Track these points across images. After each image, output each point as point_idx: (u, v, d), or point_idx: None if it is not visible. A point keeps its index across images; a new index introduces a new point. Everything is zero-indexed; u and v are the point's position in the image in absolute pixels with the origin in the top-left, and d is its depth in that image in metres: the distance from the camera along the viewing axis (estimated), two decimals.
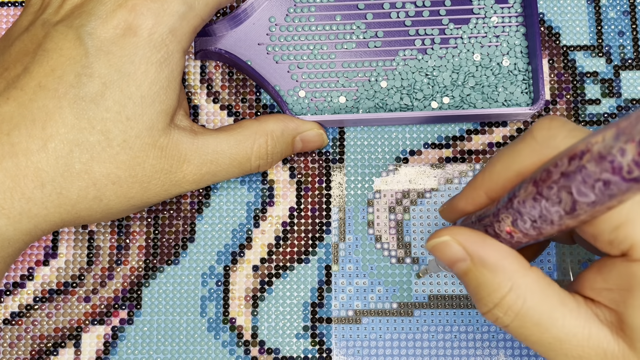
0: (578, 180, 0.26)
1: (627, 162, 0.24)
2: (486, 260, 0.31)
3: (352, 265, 0.44)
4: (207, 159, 0.39)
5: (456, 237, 0.31)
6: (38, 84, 0.35)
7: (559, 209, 0.27)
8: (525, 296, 0.30)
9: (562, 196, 0.27)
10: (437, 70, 0.44)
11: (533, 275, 0.31)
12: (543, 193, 0.28)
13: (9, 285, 0.44)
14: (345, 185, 0.44)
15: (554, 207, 0.28)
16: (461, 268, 0.32)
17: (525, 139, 0.31)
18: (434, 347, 0.43)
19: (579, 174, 0.26)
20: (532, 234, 0.30)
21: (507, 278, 0.30)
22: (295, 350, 0.43)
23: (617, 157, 0.24)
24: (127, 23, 0.36)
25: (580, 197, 0.26)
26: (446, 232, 0.32)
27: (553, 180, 0.27)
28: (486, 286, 0.31)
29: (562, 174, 0.27)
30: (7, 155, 0.35)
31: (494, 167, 0.32)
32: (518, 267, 0.31)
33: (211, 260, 0.44)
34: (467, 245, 0.31)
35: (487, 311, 0.31)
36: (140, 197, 0.38)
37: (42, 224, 0.36)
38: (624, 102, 0.45)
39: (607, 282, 0.31)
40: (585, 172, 0.25)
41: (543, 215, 0.28)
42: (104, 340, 0.43)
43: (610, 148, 0.24)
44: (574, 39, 0.46)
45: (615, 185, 0.25)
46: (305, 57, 0.45)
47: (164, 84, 0.37)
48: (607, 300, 0.31)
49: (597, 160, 0.25)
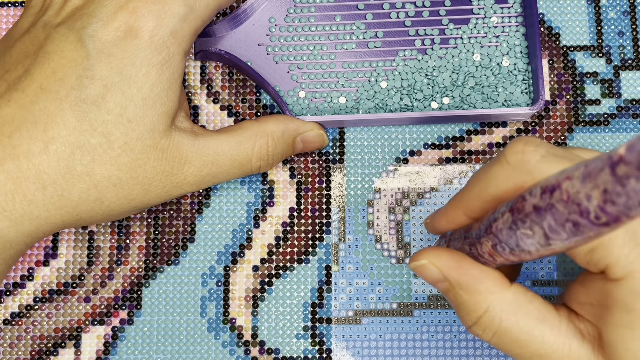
0: (548, 218, 0.26)
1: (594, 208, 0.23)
2: (462, 283, 0.32)
3: (352, 265, 0.44)
4: (207, 161, 0.39)
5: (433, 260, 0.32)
6: (39, 86, 0.35)
7: (534, 241, 0.27)
8: (500, 316, 0.31)
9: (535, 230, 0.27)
10: (437, 71, 0.44)
11: (510, 295, 0.31)
12: (518, 225, 0.28)
13: (9, 285, 0.44)
14: (345, 185, 0.45)
15: (529, 239, 0.27)
16: (441, 288, 0.33)
17: (500, 162, 0.31)
18: (434, 347, 0.43)
19: (549, 211, 0.25)
20: (512, 259, 0.30)
21: (482, 299, 0.31)
22: (295, 350, 0.43)
23: (584, 201, 0.23)
24: (128, 25, 0.36)
25: (552, 234, 0.26)
26: (424, 255, 0.33)
27: (526, 212, 0.27)
28: (464, 306, 0.32)
29: (534, 208, 0.26)
30: (9, 158, 0.35)
31: (471, 189, 0.32)
32: (494, 288, 0.31)
33: (211, 261, 0.44)
34: (443, 269, 0.32)
35: (468, 327, 0.33)
36: (142, 198, 0.38)
37: (43, 226, 0.36)
38: (624, 103, 0.45)
39: (588, 297, 0.31)
40: (555, 211, 0.25)
41: (520, 246, 0.28)
42: (104, 341, 0.43)
43: (577, 193, 0.23)
44: (574, 39, 0.46)
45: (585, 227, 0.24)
46: (305, 57, 0.45)
47: (165, 86, 0.37)
48: (589, 314, 0.31)
49: (565, 201, 0.24)
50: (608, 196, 0.22)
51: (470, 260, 0.32)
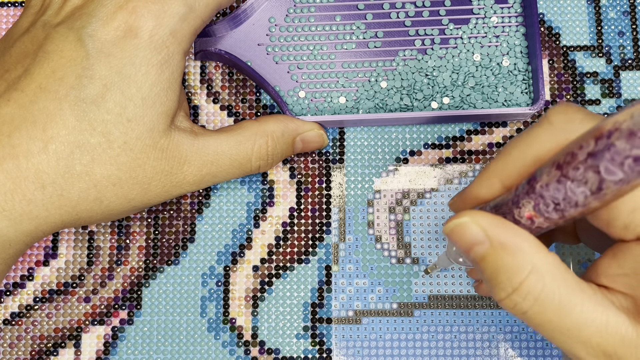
0: (607, 158, 0.26)
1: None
2: (506, 242, 0.30)
3: (352, 265, 0.44)
4: (207, 160, 0.39)
5: (476, 218, 0.30)
6: (39, 86, 0.35)
7: (584, 189, 0.27)
8: (545, 279, 0.29)
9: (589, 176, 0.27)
10: (437, 71, 0.44)
11: (552, 259, 0.30)
12: (569, 174, 0.27)
13: (9, 285, 0.44)
14: (345, 185, 0.44)
15: (580, 187, 0.27)
16: (479, 252, 0.31)
17: (542, 124, 0.30)
18: (434, 347, 0.43)
19: (607, 152, 0.26)
20: (554, 217, 0.29)
21: (526, 261, 0.30)
22: (295, 350, 0.43)
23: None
24: (127, 25, 0.36)
25: (608, 175, 0.26)
26: (466, 213, 0.31)
27: (579, 161, 0.27)
28: (505, 270, 0.30)
29: (588, 154, 0.26)
30: (8, 157, 0.35)
31: (509, 153, 0.31)
32: (538, 250, 0.30)
33: (211, 261, 0.44)
34: (486, 227, 0.30)
35: (506, 296, 0.30)
36: (141, 198, 0.38)
37: (42, 226, 0.36)
38: (624, 103, 0.45)
39: (622, 268, 0.30)
40: (615, 150, 0.25)
41: (567, 197, 0.28)
42: (104, 341, 0.43)
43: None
44: (574, 39, 0.46)
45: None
46: (305, 57, 0.45)
47: (165, 85, 0.37)
48: (623, 286, 0.30)
49: (626, 136, 0.25)
50: None
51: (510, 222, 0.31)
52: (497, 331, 0.43)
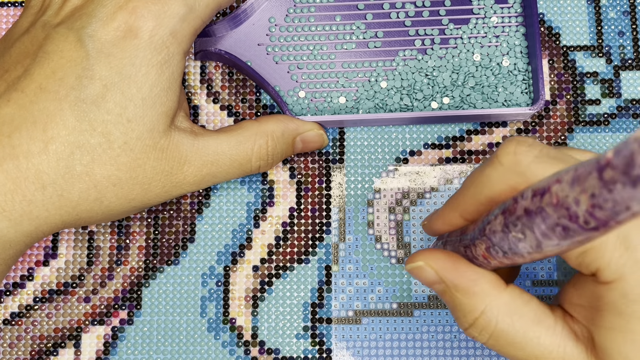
0: (539, 221, 0.25)
1: (582, 213, 0.23)
2: (458, 285, 0.32)
3: (352, 265, 0.44)
4: (207, 160, 0.39)
5: (429, 263, 0.32)
6: (39, 86, 0.35)
7: (525, 245, 0.27)
8: (497, 318, 0.31)
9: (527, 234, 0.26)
10: (437, 71, 0.44)
11: (506, 297, 0.31)
12: (510, 228, 0.27)
13: (9, 285, 0.44)
14: (345, 185, 0.44)
15: (521, 242, 0.27)
16: (437, 290, 0.33)
17: (493, 163, 0.30)
18: (434, 347, 0.43)
19: (540, 215, 0.25)
20: (505, 262, 0.30)
21: (479, 301, 0.31)
22: (295, 350, 0.43)
23: (572, 206, 0.23)
24: (127, 25, 0.36)
25: (543, 238, 0.26)
26: (420, 257, 0.33)
27: (517, 215, 0.27)
28: (461, 308, 0.32)
29: (525, 211, 0.26)
30: (8, 158, 0.35)
31: (465, 191, 0.32)
32: (490, 290, 0.31)
33: (211, 261, 0.44)
34: (439, 271, 0.32)
35: (465, 329, 0.32)
36: (141, 198, 0.38)
37: (42, 226, 0.36)
38: (624, 103, 0.45)
39: (581, 299, 0.31)
40: (545, 215, 0.25)
41: (512, 249, 0.28)
42: (104, 341, 0.43)
43: (566, 197, 0.23)
44: (574, 39, 0.46)
45: (575, 232, 0.24)
46: (305, 57, 0.45)
47: (165, 85, 0.37)
48: (582, 317, 0.31)
49: (554, 205, 0.24)
50: (596, 201, 0.21)
51: (466, 262, 0.32)
52: None
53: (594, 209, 0.22)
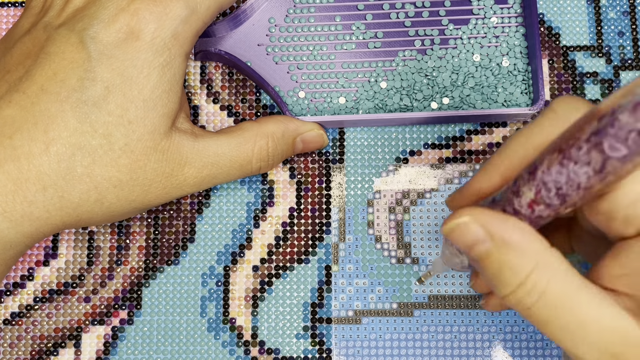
0: (610, 134, 0.26)
1: None
2: (508, 239, 0.29)
3: (352, 265, 0.44)
4: (208, 162, 0.39)
5: (477, 216, 0.30)
6: (40, 88, 0.35)
7: (587, 169, 0.27)
8: (549, 275, 0.29)
9: (592, 156, 0.27)
10: (437, 71, 0.44)
11: (557, 255, 0.29)
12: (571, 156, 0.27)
13: (9, 285, 0.44)
14: (345, 185, 0.45)
15: (583, 168, 0.27)
16: (481, 250, 0.30)
17: (546, 114, 0.31)
18: (434, 347, 0.43)
19: (611, 127, 0.26)
20: (555, 203, 0.29)
21: (531, 256, 0.29)
22: (295, 350, 0.43)
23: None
24: (129, 27, 0.36)
25: (612, 152, 0.26)
26: (466, 211, 0.30)
27: (582, 140, 0.27)
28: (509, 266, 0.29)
29: (591, 134, 0.27)
30: (9, 159, 0.35)
31: (513, 144, 0.31)
32: (541, 245, 0.29)
33: (211, 261, 0.44)
34: (488, 225, 0.30)
35: (510, 292, 0.30)
36: (142, 199, 0.38)
37: (43, 227, 0.36)
38: None
39: (624, 268, 0.30)
40: (619, 125, 0.25)
41: (570, 180, 0.28)
42: (104, 341, 0.43)
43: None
44: (574, 39, 0.46)
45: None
46: (305, 57, 0.45)
47: (166, 87, 0.37)
48: (626, 286, 0.30)
49: (630, 110, 0.25)
50: None
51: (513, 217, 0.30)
52: (497, 331, 0.43)
53: None
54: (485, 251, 0.30)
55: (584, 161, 0.27)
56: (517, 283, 0.29)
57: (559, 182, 0.28)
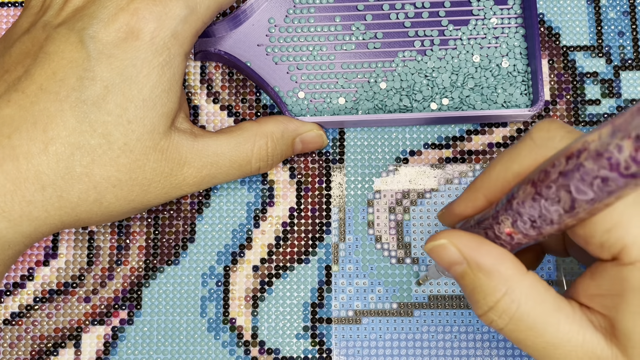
0: (576, 178, 0.26)
1: (624, 158, 0.24)
2: (482, 264, 0.31)
3: (352, 265, 0.44)
4: (207, 162, 0.39)
5: (453, 240, 0.32)
6: (39, 87, 0.35)
7: (558, 207, 0.28)
8: (519, 300, 0.30)
9: (561, 195, 0.27)
10: (437, 72, 0.44)
11: (529, 280, 0.31)
12: (542, 193, 0.28)
13: (9, 285, 0.44)
14: (345, 185, 0.45)
15: (553, 206, 0.28)
16: (457, 271, 0.32)
17: (524, 141, 0.31)
18: (434, 347, 0.43)
19: (577, 172, 0.26)
20: (532, 234, 0.30)
21: (502, 282, 0.31)
22: (295, 350, 0.43)
23: (614, 153, 0.24)
24: (129, 27, 0.36)
25: (579, 195, 0.27)
26: (443, 235, 0.32)
27: (551, 179, 0.27)
28: (482, 289, 0.31)
29: (560, 173, 0.27)
30: (8, 158, 0.35)
31: (493, 169, 0.32)
32: (514, 271, 0.31)
33: (211, 261, 0.44)
34: (463, 249, 0.31)
35: (483, 314, 0.32)
36: (141, 199, 0.38)
37: (42, 227, 0.36)
38: (624, 103, 0.45)
39: (599, 288, 0.31)
40: (583, 170, 0.26)
41: (542, 215, 0.28)
42: (104, 341, 0.43)
43: (607, 145, 0.25)
44: (574, 40, 0.46)
45: (613, 182, 0.25)
46: (304, 58, 0.45)
47: (166, 87, 0.37)
48: (600, 306, 0.31)
49: (594, 157, 0.25)
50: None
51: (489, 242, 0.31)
52: (497, 331, 0.43)
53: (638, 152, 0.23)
54: (461, 272, 0.32)
55: (554, 200, 0.28)
56: (489, 306, 0.31)
57: (532, 216, 0.29)
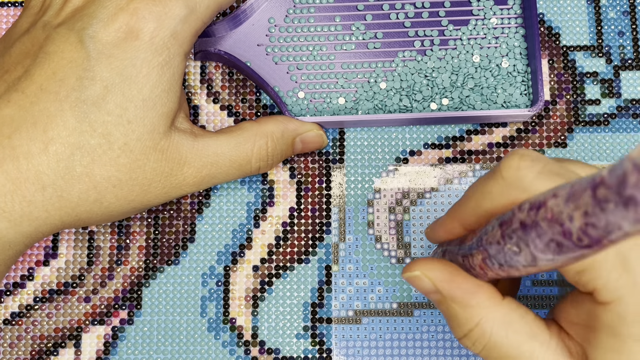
0: (534, 235, 0.25)
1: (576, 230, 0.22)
2: (455, 296, 0.32)
3: (352, 265, 0.44)
4: (207, 162, 0.39)
5: (426, 273, 0.32)
6: (39, 87, 0.35)
7: (520, 259, 0.27)
8: (491, 330, 0.31)
9: (522, 247, 0.26)
10: (437, 72, 0.44)
11: (503, 310, 0.31)
12: (505, 240, 0.27)
13: (9, 285, 0.44)
14: (345, 185, 0.45)
15: (516, 256, 0.27)
16: (433, 299, 0.33)
17: (495, 177, 0.30)
18: (434, 347, 0.43)
19: (534, 229, 0.25)
20: (501, 274, 0.30)
21: (475, 313, 0.31)
22: (296, 350, 0.43)
23: (566, 222, 0.23)
24: (128, 26, 0.36)
25: (537, 252, 0.25)
26: (417, 266, 0.33)
27: (513, 228, 0.26)
28: (456, 318, 0.32)
29: (521, 224, 0.26)
30: (8, 158, 0.35)
31: (466, 202, 0.32)
32: (488, 302, 0.31)
33: (211, 261, 0.44)
34: (436, 282, 0.32)
35: (459, 338, 0.32)
36: (141, 199, 0.38)
37: (42, 227, 0.36)
38: (624, 103, 0.45)
39: (578, 317, 0.31)
40: (540, 229, 0.25)
41: (507, 262, 0.28)
42: (104, 341, 0.43)
43: (561, 212, 0.23)
44: (574, 39, 0.46)
45: (568, 248, 0.24)
46: (304, 58, 0.45)
47: (166, 87, 0.37)
48: (577, 335, 0.31)
49: (549, 221, 0.24)
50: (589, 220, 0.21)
51: (463, 273, 0.32)
52: None
53: (587, 227, 0.22)
54: (437, 300, 0.33)
55: (516, 250, 0.27)
56: (463, 333, 0.32)
57: (499, 260, 0.29)
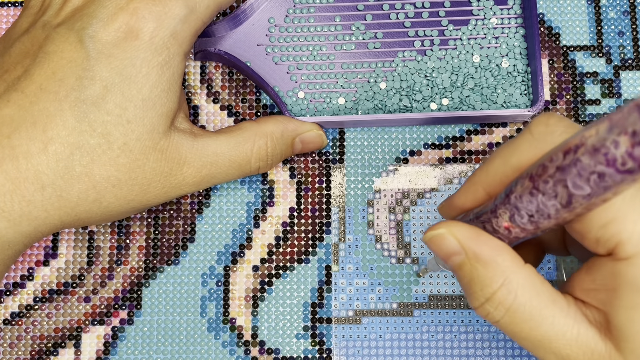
0: (573, 173, 0.26)
1: (621, 154, 0.24)
2: (480, 254, 0.31)
3: (352, 265, 0.44)
4: (207, 162, 0.39)
5: (452, 230, 0.32)
6: (39, 87, 0.35)
7: (555, 202, 0.28)
8: (516, 292, 0.30)
9: (558, 190, 0.27)
10: (436, 72, 0.44)
11: (526, 272, 0.31)
12: (539, 187, 0.28)
13: (9, 285, 0.44)
14: (345, 185, 0.45)
15: (551, 200, 0.28)
16: (455, 261, 0.32)
17: (523, 135, 0.31)
18: (434, 347, 0.43)
19: (574, 167, 0.26)
20: (529, 228, 0.30)
21: (499, 273, 0.31)
22: (295, 350, 0.43)
23: (611, 149, 0.24)
24: (128, 26, 0.36)
25: (575, 190, 0.27)
26: (442, 225, 0.32)
27: (549, 174, 0.27)
28: (479, 280, 0.31)
29: (557, 168, 0.27)
30: (8, 158, 0.35)
31: (492, 163, 0.32)
32: (511, 263, 0.31)
33: (211, 261, 0.44)
34: (461, 239, 0.31)
35: (479, 305, 0.32)
36: (140, 199, 0.38)
37: (41, 227, 0.36)
38: (624, 103, 0.45)
39: (594, 283, 0.31)
40: (580, 165, 0.26)
41: (540, 210, 0.28)
42: (104, 341, 0.43)
43: (604, 140, 0.24)
44: (574, 39, 0.46)
45: (610, 177, 0.25)
46: (304, 58, 0.45)
47: (165, 87, 0.37)
48: (595, 301, 0.31)
49: (591, 153, 0.25)
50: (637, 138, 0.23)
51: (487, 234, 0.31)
52: (497, 331, 0.43)
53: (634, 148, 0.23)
54: (459, 263, 0.32)
55: (551, 194, 0.28)
56: (485, 298, 0.31)
57: (530, 210, 0.29)
